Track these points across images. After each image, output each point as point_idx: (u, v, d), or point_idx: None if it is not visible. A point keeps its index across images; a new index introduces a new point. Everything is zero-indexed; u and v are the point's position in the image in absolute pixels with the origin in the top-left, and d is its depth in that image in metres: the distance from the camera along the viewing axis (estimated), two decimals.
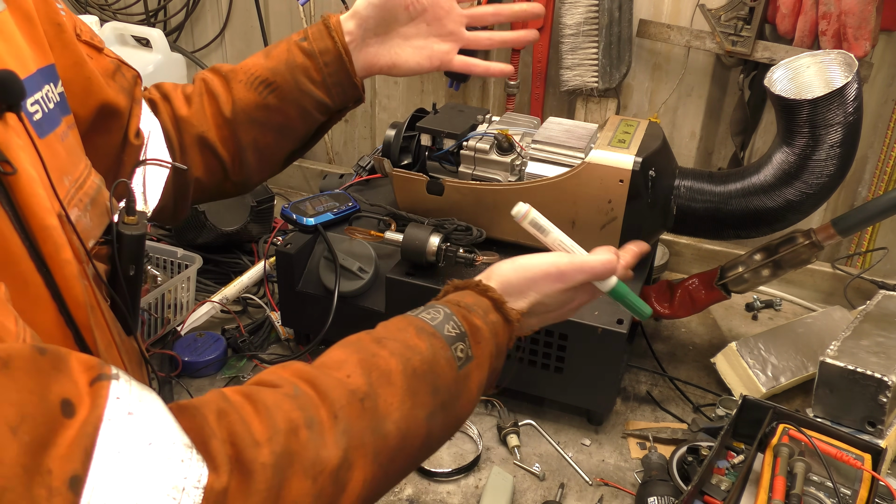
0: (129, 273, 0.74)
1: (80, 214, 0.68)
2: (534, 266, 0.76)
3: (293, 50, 0.96)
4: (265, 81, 0.96)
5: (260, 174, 1.03)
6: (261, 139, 0.97)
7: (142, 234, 0.74)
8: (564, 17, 1.46)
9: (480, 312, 0.71)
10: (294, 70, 0.95)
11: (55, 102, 0.69)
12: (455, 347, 0.67)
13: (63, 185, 0.66)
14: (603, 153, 1.08)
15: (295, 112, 0.97)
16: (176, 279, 1.27)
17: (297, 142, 1.02)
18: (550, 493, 1.02)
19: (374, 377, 0.61)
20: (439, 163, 1.24)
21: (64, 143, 0.69)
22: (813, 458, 0.90)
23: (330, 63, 0.96)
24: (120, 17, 1.90)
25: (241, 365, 1.24)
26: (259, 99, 0.96)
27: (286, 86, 0.96)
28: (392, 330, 0.67)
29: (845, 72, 1.02)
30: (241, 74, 0.97)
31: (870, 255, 1.48)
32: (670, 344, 1.34)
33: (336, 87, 0.98)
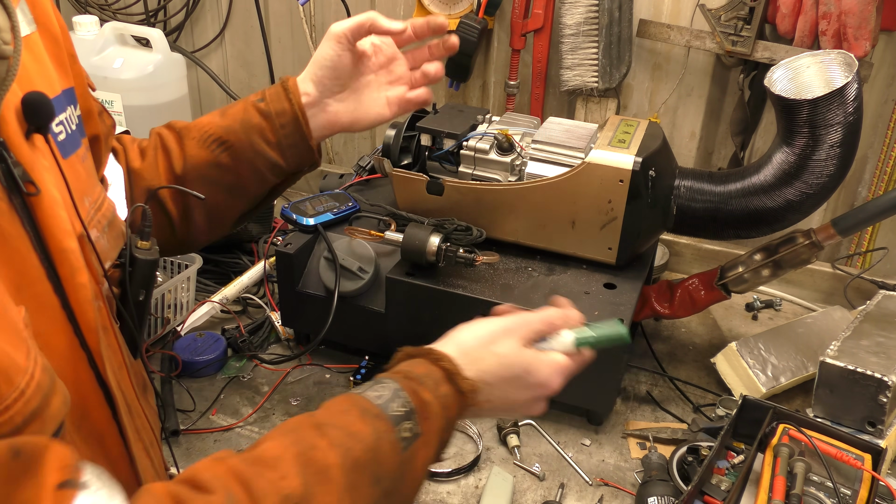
0: (139, 298, 0.74)
1: (98, 235, 0.68)
2: (488, 326, 0.75)
3: (249, 110, 0.95)
4: (218, 139, 0.94)
5: (207, 234, 1.01)
6: (211, 198, 0.94)
7: (154, 259, 0.74)
8: (564, 17, 1.46)
9: (431, 385, 0.68)
10: (249, 130, 0.94)
11: (76, 124, 0.70)
12: (401, 427, 0.64)
13: (84, 205, 0.67)
14: (603, 153, 1.08)
15: (247, 172, 0.95)
16: (176, 279, 1.27)
17: (248, 202, 1.00)
18: (550, 493, 1.02)
19: (311, 475, 0.57)
20: (439, 163, 1.24)
21: (84, 164, 0.70)
22: (813, 458, 0.90)
23: (286, 125, 0.94)
24: (120, 17, 1.90)
25: (241, 365, 1.24)
26: (211, 157, 0.94)
27: (240, 145, 0.94)
28: (335, 413, 0.64)
29: (845, 72, 1.02)
30: (195, 131, 0.95)
31: (870, 255, 1.48)
32: (670, 344, 1.34)
33: (291, 149, 0.96)
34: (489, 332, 0.74)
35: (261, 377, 1.22)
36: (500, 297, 1.08)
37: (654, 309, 1.21)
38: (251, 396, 1.18)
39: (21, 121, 0.58)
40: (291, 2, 1.76)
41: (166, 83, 1.62)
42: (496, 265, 1.16)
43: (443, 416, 0.68)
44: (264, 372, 1.23)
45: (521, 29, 1.52)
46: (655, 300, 1.21)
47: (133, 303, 0.73)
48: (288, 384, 1.20)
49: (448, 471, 1.03)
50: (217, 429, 1.11)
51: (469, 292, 1.10)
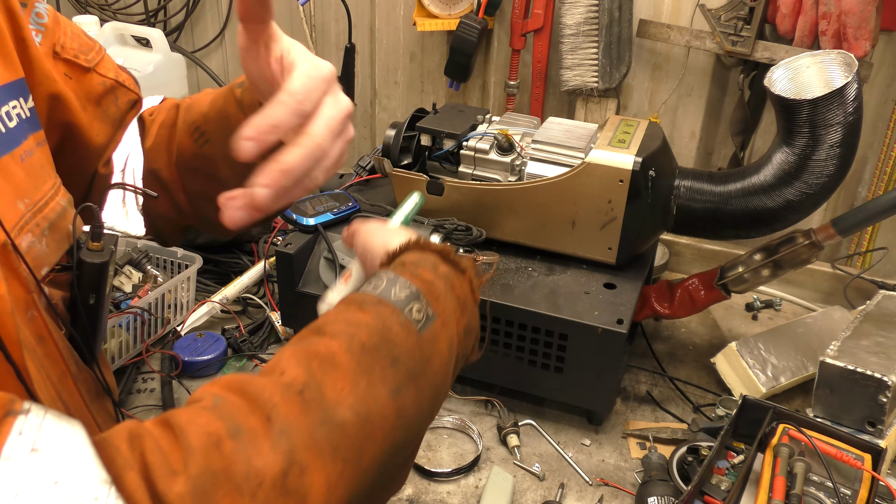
0: (90, 302, 0.69)
1: (33, 241, 0.64)
2: None
3: (229, 98, 0.82)
4: (199, 129, 0.84)
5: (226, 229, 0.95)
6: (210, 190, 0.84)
7: (104, 262, 0.69)
8: (564, 17, 1.46)
9: (429, 266, 0.64)
10: (223, 121, 0.82)
11: (21, 119, 0.64)
12: (409, 309, 0.59)
13: (16, 209, 0.62)
14: (603, 153, 1.08)
15: (227, 167, 0.83)
16: (176, 279, 1.27)
17: None
18: (550, 493, 1.02)
19: (315, 366, 0.53)
20: (439, 163, 1.25)
21: (24, 163, 0.64)
22: (813, 458, 0.90)
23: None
24: (120, 17, 1.90)
25: (241, 365, 1.24)
26: (196, 148, 0.84)
27: (217, 137, 0.83)
28: (332, 314, 0.60)
29: (845, 72, 1.02)
30: (190, 114, 0.86)
31: (870, 255, 1.48)
32: (670, 344, 1.34)
33: None
34: None
35: None
36: (500, 297, 1.08)
37: (654, 309, 1.21)
38: None
39: None
40: (291, 2, 1.76)
41: (166, 83, 1.62)
42: (496, 265, 1.16)
43: (451, 295, 0.63)
44: None
45: (521, 29, 1.52)
46: (655, 300, 1.21)
47: (83, 307, 0.68)
48: None
49: (448, 471, 1.03)
50: None
51: None
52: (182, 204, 0.88)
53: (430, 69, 1.72)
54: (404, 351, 0.57)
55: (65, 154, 0.78)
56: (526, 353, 1.09)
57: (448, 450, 1.08)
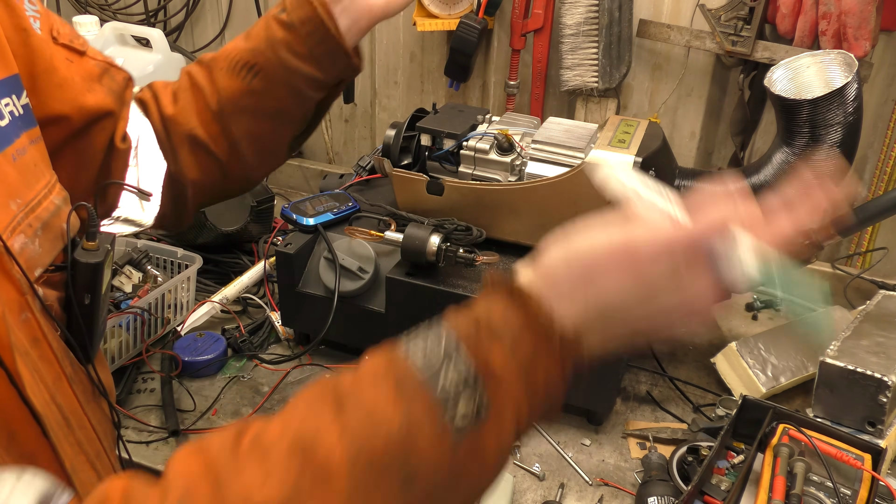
0: (85, 301, 0.68)
1: (26, 241, 0.63)
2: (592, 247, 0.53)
3: (272, 25, 0.85)
4: (247, 64, 0.86)
5: (262, 167, 0.96)
6: (255, 129, 0.89)
7: (98, 261, 0.68)
8: (564, 17, 1.46)
9: (508, 340, 0.50)
10: (276, 47, 0.85)
11: (15, 116, 0.64)
12: (453, 405, 0.48)
13: (8, 210, 0.62)
14: (603, 153, 1.08)
15: (285, 93, 0.87)
16: (176, 279, 1.27)
17: (295, 126, 0.92)
18: (550, 493, 1.02)
19: (304, 476, 0.45)
20: (439, 163, 1.24)
21: (16, 162, 0.64)
22: (813, 458, 0.90)
23: (313, 32, 0.84)
24: (120, 17, 1.90)
25: (241, 365, 1.24)
26: (244, 85, 0.86)
27: (270, 66, 0.85)
28: (365, 381, 0.51)
29: (845, 72, 1.02)
30: (222, 61, 0.88)
31: (870, 255, 1.48)
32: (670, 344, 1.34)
33: (325, 58, 0.86)
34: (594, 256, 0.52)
35: (261, 377, 1.22)
36: None
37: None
38: (251, 396, 1.18)
39: None
40: None
41: None
42: (496, 265, 1.16)
43: (521, 385, 0.50)
44: (264, 372, 1.23)
45: (521, 29, 1.52)
46: None
47: (79, 307, 0.68)
48: (288, 384, 1.20)
49: None
50: (217, 429, 1.11)
51: (469, 292, 1.10)
52: (222, 154, 0.89)
53: (430, 69, 1.72)
54: (427, 468, 0.47)
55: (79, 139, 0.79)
56: None
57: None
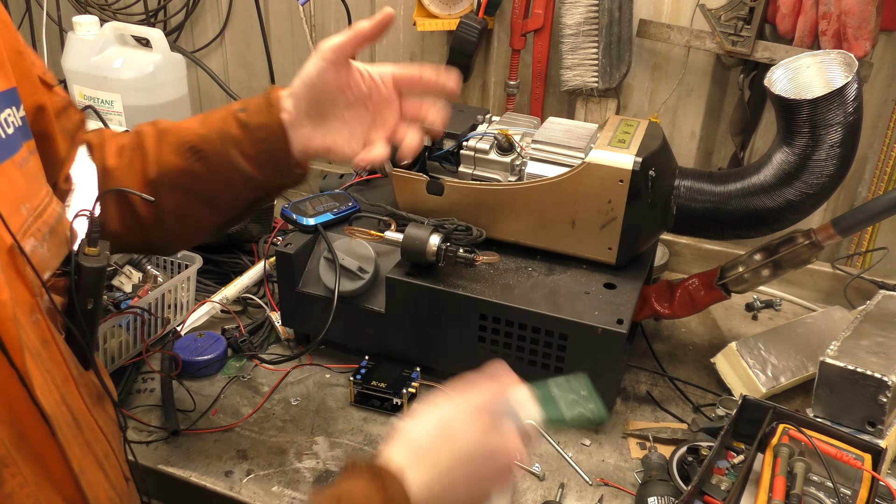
0: (87, 307, 0.70)
1: (36, 245, 0.65)
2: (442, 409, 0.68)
3: (229, 120, 0.88)
4: (193, 148, 0.88)
5: (183, 242, 0.98)
6: (184, 206, 0.90)
7: (102, 266, 0.71)
8: (564, 17, 1.46)
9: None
10: (226, 141, 0.87)
11: (16, 127, 0.66)
12: None
13: (19, 214, 0.64)
14: (603, 153, 1.08)
15: (221, 184, 0.89)
16: (176, 279, 1.27)
17: (224, 215, 0.94)
18: (550, 493, 1.02)
19: None
20: (439, 163, 1.25)
21: (23, 169, 0.66)
22: (813, 458, 0.90)
23: (264, 139, 0.87)
24: (120, 17, 1.90)
25: (241, 365, 1.24)
26: (185, 164, 0.88)
27: (215, 156, 0.88)
28: None
29: (845, 72, 1.02)
30: (172, 136, 0.90)
31: (870, 255, 1.48)
32: (670, 344, 1.34)
33: (269, 165, 0.88)
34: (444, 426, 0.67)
35: (261, 377, 1.22)
36: (500, 297, 1.08)
37: (654, 309, 1.21)
38: (251, 396, 1.18)
39: None
40: (291, 2, 1.76)
41: (166, 83, 1.62)
42: (496, 265, 1.16)
43: None
44: (264, 372, 1.23)
45: (521, 29, 1.52)
46: (655, 300, 1.21)
47: (81, 312, 0.70)
48: (288, 384, 1.20)
49: None
50: (217, 429, 1.11)
51: (469, 292, 1.10)
52: (147, 220, 0.90)
53: None
54: None
55: None
56: (526, 353, 1.09)
57: None
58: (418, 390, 1.17)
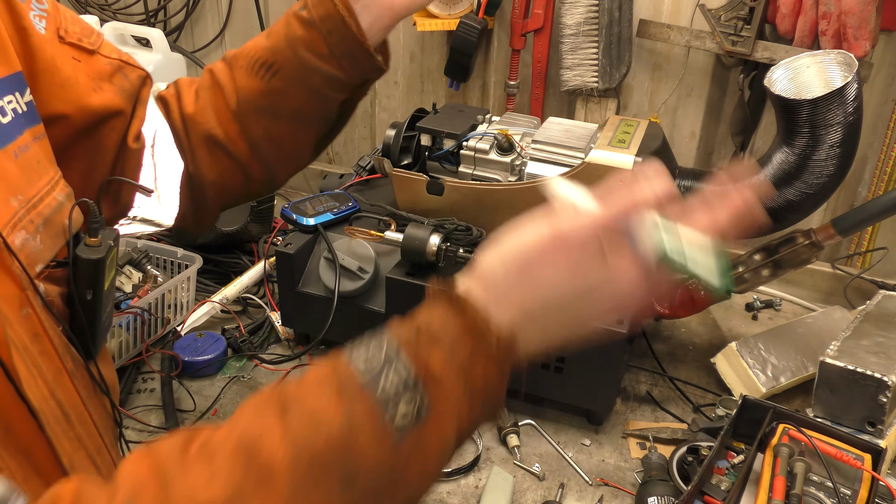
0: (87, 297, 0.69)
1: (27, 237, 0.64)
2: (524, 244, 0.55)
3: (292, 22, 0.83)
4: (265, 63, 0.83)
5: (285, 169, 0.93)
6: (274, 130, 0.86)
7: (99, 258, 0.69)
8: (564, 17, 1.46)
9: (447, 345, 0.53)
10: (295, 45, 0.82)
11: (18, 113, 0.65)
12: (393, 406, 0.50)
13: (9, 206, 0.62)
14: (603, 153, 1.08)
15: (305, 94, 0.84)
16: (176, 279, 1.27)
17: (318, 127, 0.89)
18: (550, 493, 1.02)
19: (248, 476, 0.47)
20: (439, 163, 1.25)
21: (18, 159, 0.65)
22: (813, 458, 0.90)
23: (334, 31, 0.81)
24: (120, 17, 1.90)
25: (241, 365, 1.24)
26: (262, 84, 0.84)
27: (289, 65, 0.83)
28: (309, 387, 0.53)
29: (845, 72, 1.02)
30: (242, 59, 0.86)
31: (870, 255, 1.48)
32: (670, 344, 1.34)
33: (346, 58, 0.83)
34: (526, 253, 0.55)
35: (261, 377, 1.22)
36: None
37: (653, 309, 1.21)
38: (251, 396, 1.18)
39: None
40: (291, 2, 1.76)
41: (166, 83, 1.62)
42: None
43: (461, 386, 0.52)
44: (264, 372, 1.23)
45: (521, 29, 1.52)
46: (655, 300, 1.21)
47: (81, 303, 0.68)
48: None
49: (448, 471, 1.03)
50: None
51: None
52: (242, 155, 0.87)
53: (430, 69, 1.72)
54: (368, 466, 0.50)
55: (86, 138, 0.78)
56: None
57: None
58: None
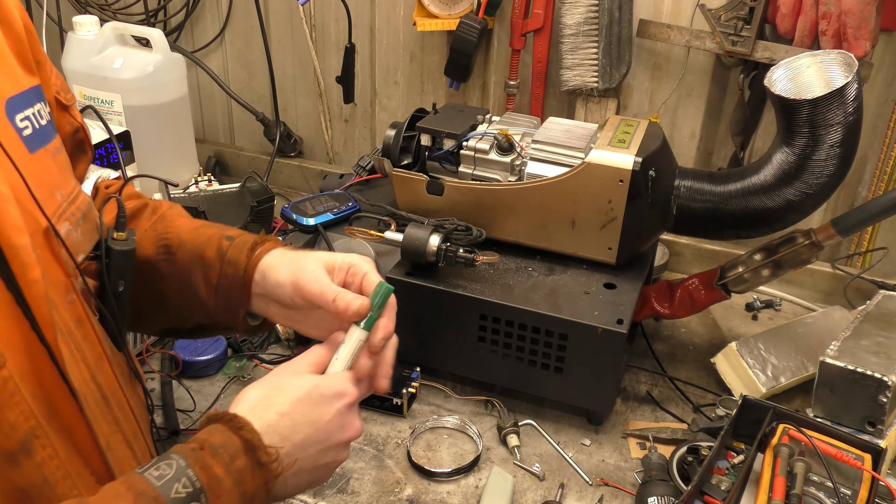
0: (118, 289, 0.73)
1: (70, 228, 0.68)
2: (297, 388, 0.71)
3: (214, 240, 0.85)
4: (167, 247, 0.86)
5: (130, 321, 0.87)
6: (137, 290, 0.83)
7: (131, 249, 0.74)
8: (564, 17, 1.46)
9: (226, 457, 0.63)
10: (197, 258, 0.85)
11: (47, 120, 0.69)
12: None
13: (54, 198, 0.67)
14: (603, 153, 1.08)
15: (176, 295, 0.86)
16: None
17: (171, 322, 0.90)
18: (550, 493, 1.02)
19: None
20: (439, 163, 1.25)
21: (56, 158, 0.70)
22: (813, 458, 0.90)
23: (230, 276, 0.83)
24: (120, 17, 1.90)
25: (241, 365, 1.24)
26: (153, 257, 0.86)
27: (181, 266, 0.85)
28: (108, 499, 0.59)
29: (845, 72, 1.02)
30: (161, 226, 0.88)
31: (870, 255, 1.48)
32: (670, 344, 1.34)
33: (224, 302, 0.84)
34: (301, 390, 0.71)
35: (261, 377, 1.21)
36: (500, 297, 1.08)
37: (654, 309, 1.21)
38: None
39: None
40: (291, 2, 1.76)
41: (166, 83, 1.61)
42: (496, 265, 1.16)
43: (237, 493, 0.63)
44: (264, 372, 1.23)
45: (521, 29, 1.52)
46: (655, 300, 1.21)
47: (112, 294, 0.73)
48: None
49: (448, 471, 1.03)
50: None
51: (469, 292, 1.10)
52: None
53: (430, 69, 1.72)
54: None
55: None
56: (526, 353, 1.09)
57: (448, 450, 1.08)
58: (418, 390, 1.17)
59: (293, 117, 1.92)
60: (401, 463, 1.06)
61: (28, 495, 0.61)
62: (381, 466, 1.05)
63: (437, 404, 1.17)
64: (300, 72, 1.85)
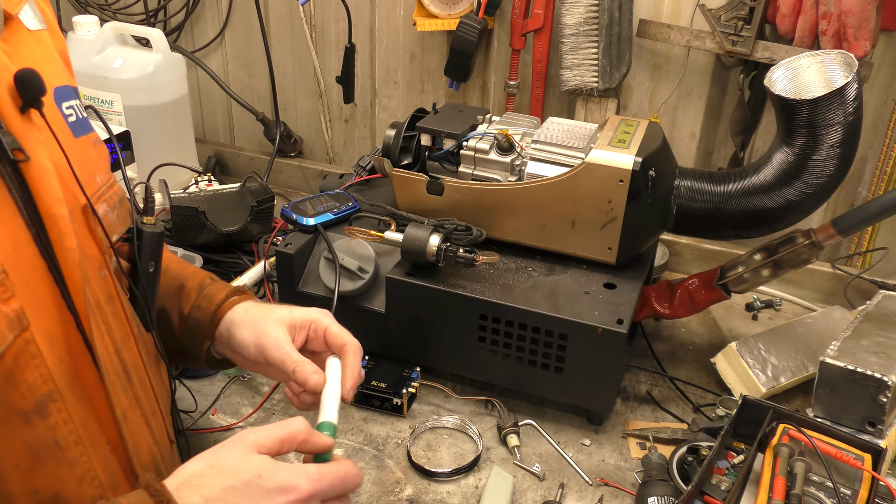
0: (149, 269, 0.77)
1: (108, 210, 0.73)
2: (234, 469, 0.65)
3: (198, 276, 0.93)
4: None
5: None
6: None
7: (161, 231, 0.78)
8: (564, 17, 1.46)
9: None
10: (176, 289, 0.91)
11: (84, 116, 0.74)
12: None
13: (94, 181, 0.72)
14: (603, 153, 1.08)
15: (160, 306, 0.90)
16: None
17: None
18: (550, 493, 1.02)
19: None
20: (439, 163, 1.25)
21: (97, 148, 0.76)
22: (813, 458, 0.90)
23: (202, 309, 0.90)
24: (120, 17, 1.90)
25: None
26: None
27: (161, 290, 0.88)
28: None
29: (845, 72, 1.02)
30: None
31: (870, 255, 1.48)
32: (670, 344, 1.34)
33: (190, 332, 0.90)
34: (239, 477, 0.64)
35: (261, 377, 1.22)
36: (500, 297, 1.08)
37: (654, 309, 1.21)
38: (251, 396, 1.18)
39: (14, 96, 0.62)
40: (291, 2, 1.76)
41: (166, 83, 1.62)
42: (496, 265, 1.16)
43: None
44: None
45: (521, 29, 1.52)
46: (655, 300, 1.21)
47: (143, 275, 0.76)
48: None
49: (448, 471, 1.03)
50: (218, 429, 1.11)
51: (469, 292, 1.10)
52: None
53: (430, 69, 1.72)
54: None
55: None
56: (526, 353, 1.09)
57: (448, 450, 1.08)
58: (418, 390, 1.17)
59: (293, 117, 1.92)
60: (401, 463, 1.06)
61: (39, 455, 0.62)
62: (381, 466, 1.05)
63: (437, 404, 1.17)
64: (300, 72, 1.85)
